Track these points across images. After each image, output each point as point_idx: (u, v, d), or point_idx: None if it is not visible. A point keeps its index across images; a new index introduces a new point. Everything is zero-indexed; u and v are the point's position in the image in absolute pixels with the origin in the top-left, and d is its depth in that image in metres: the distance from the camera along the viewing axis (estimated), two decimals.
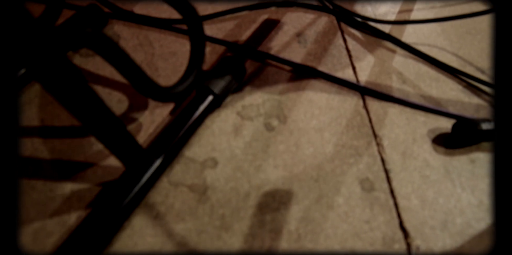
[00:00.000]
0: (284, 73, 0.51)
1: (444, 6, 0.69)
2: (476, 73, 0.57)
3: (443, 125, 0.48)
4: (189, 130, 0.40)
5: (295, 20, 0.60)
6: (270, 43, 0.55)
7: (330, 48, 0.56)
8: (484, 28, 0.66)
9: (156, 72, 0.50)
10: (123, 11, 0.58)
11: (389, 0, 0.69)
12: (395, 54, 0.58)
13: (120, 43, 0.53)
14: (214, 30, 0.57)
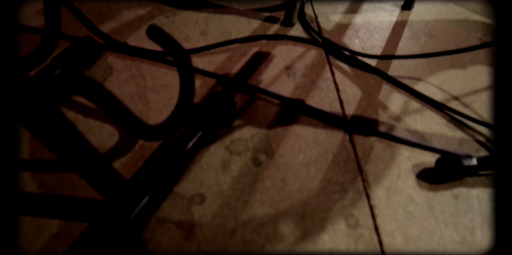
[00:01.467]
0: (273, 107, 0.53)
1: (429, 40, 0.73)
2: (460, 107, 0.59)
3: (427, 160, 0.50)
4: (178, 167, 0.41)
5: (284, 53, 0.63)
6: (260, 76, 0.58)
7: (318, 81, 0.58)
8: (467, 61, 0.69)
9: (147, 104, 0.51)
10: (117, 43, 0.60)
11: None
12: (382, 87, 0.60)
13: (113, 75, 0.55)
14: (205, 62, 0.59)
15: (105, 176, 0.34)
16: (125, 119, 0.34)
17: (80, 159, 0.32)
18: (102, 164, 0.34)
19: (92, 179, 0.34)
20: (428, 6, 0.86)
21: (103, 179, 0.34)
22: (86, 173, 0.33)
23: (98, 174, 0.34)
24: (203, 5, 0.73)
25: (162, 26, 0.66)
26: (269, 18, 0.71)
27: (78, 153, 0.31)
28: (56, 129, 0.28)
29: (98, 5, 0.70)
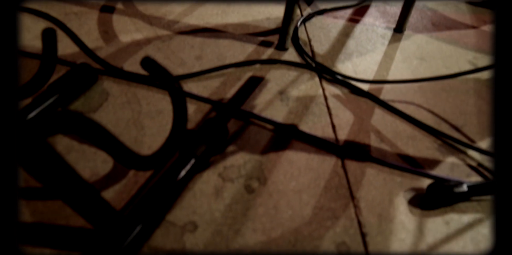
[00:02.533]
0: (266, 133, 0.54)
1: (420, 63, 0.75)
2: (451, 131, 0.60)
3: (419, 185, 0.51)
4: (170, 196, 0.42)
5: (278, 78, 0.64)
6: (254, 101, 0.59)
7: (311, 106, 0.60)
8: (457, 85, 0.71)
9: (142, 130, 0.52)
10: (113, 68, 0.62)
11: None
12: (374, 111, 0.61)
13: (108, 100, 0.57)
14: (200, 87, 0.60)
15: (95, 207, 0.35)
16: (116, 151, 0.35)
17: (68, 192, 0.33)
18: (91, 196, 0.35)
19: (82, 210, 0.35)
20: (420, 29, 0.89)
21: (93, 210, 0.35)
22: (76, 204, 0.34)
23: (87, 205, 0.35)
24: (199, 29, 0.75)
25: (158, 50, 0.68)
26: (263, 42, 0.73)
27: (66, 185, 0.32)
28: (42, 163, 0.29)
29: (96, 30, 0.72)
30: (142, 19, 0.77)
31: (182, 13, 0.80)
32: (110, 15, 0.77)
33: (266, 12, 0.84)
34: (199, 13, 0.81)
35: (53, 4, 0.79)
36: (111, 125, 0.53)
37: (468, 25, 0.95)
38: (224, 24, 0.78)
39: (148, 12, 0.79)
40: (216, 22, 0.78)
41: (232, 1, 0.86)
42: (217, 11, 0.82)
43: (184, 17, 0.78)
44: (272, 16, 0.82)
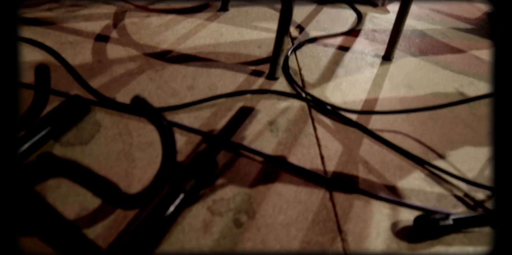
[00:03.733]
0: (255, 164, 0.55)
1: (408, 91, 0.77)
2: (438, 160, 0.62)
3: (406, 217, 0.52)
4: (159, 232, 0.43)
5: (268, 108, 0.66)
6: (244, 132, 0.60)
7: (300, 137, 0.61)
8: (444, 113, 0.73)
9: (132, 163, 0.53)
10: (106, 99, 0.64)
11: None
12: (362, 141, 0.63)
13: (100, 132, 0.58)
14: (191, 118, 0.62)
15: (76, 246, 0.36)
16: (103, 191, 0.36)
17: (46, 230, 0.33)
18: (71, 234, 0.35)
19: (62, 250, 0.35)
20: (408, 57, 0.92)
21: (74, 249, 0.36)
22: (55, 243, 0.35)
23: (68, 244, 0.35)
24: (191, 58, 0.77)
25: (150, 80, 0.69)
26: (254, 71, 0.75)
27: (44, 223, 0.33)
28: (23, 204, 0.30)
29: (90, 59, 0.74)
30: (136, 48, 0.79)
31: (175, 42, 0.82)
32: (104, 44, 0.79)
33: (257, 40, 0.87)
34: (192, 42, 0.83)
35: (49, 33, 0.81)
36: (102, 158, 0.54)
37: (454, 51, 0.98)
38: (216, 53, 0.80)
39: (142, 41, 0.81)
40: (208, 51, 0.81)
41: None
42: (209, 40, 0.84)
43: (177, 46, 0.81)
44: (263, 45, 0.85)
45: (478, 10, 1.30)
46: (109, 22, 0.88)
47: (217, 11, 0.99)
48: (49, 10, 0.91)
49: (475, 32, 1.13)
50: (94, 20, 0.88)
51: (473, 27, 1.16)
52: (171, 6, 0.99)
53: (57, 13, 0.91)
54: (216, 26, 0.91)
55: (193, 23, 0.91)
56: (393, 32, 0.84)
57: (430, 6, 1.28)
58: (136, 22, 0.89)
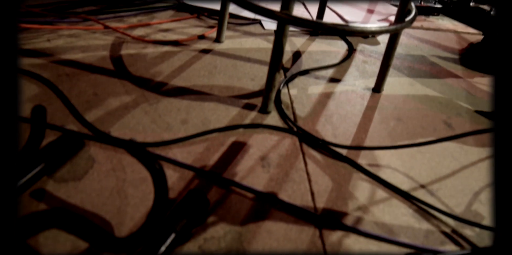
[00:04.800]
0: (247, 201, 0.57)
1: (397, 124, 0.80)
2: (426, 195, 0.64)
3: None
4: None
5: (260, 142, 0.68)
6: (236, 168, 0.62)
7: (291, 172, 0.63)
8: (433, 146, 0.76)
9: (125, 200, 0.55)
10: (100, 133, 0.65)
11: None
12: (352, 176, 0.65)
13: (94, 167, 0.59)
14: (184, 153, 0.64)
15: None
16: (93, 237, 0.37)
17: None
18: None
19: None
20: (397, 88, 0.95)
21: None
22: None
23: None
24: (186, 91, 0.80)
25: (145, 114, 0.71)
26: (247, 105, 0.78)
27: None
28: None
29: (86, 92, 0.76)
30: (132, 80, 0.81)
31: (170, 74, 0.85)
32: (101, 76, 0.82)
33: (251, 73, 0.90)
34: (187, 74, 0.86)
35: (47, 65, 0.84)
36: (95, 194, 0.55)
37: (442, 82, 1.02)
38: (210, 86, 0.83)
39: (138, 74, 0.84)
40: (202, 83, 0.83)
41: None
42: (204, 73, 0.87)
43: (172, 79, 0.84)
44: (256, 78, 0.88)
45: (464, 40, 1.35)
46: (106, 54, 0.91)
47: (213, 42, 1.02)
48: (48, 41, 0.94)
49: (461, 62, 1.17)
50: (91, 51, 0.91)
51: (459, 57, 1.21)
52: (168, 38, 1.02)
53: (55, 44, 0.94)
54: (210, 58, 0.94)
55: (188, 55, 0.94)
56: (382, 66, 0.87)
57: (418, 37, 1.33)
58: (132, 53, 0.92)
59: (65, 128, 0.66)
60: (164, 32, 1.05)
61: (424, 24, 1.48)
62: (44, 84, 0.77)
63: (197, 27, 1.11)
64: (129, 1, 1.22)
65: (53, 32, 0.98)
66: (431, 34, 1.38)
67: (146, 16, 1.14)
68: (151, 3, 1.24)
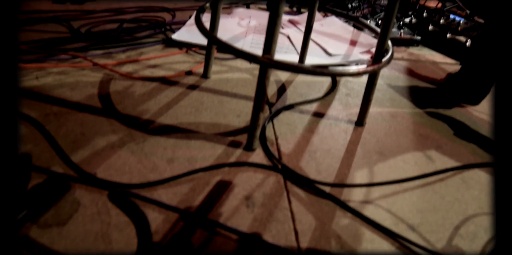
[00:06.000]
0: (231, 243, 0.58)
1: (379, 158, 0.82)
2: (408, 232, 0.65)
3: None
4: None
5: (245, 181, 0.70)
6: (221, 208, 0.63)
7: (275, 211, 0.64)
8: (414, 181, 0.78)
9: (109, 245, 0.55)
10: (86, 175, 0.66)
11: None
12: (335, 214, 0.66)
13: (79, 211, 0.60)
14: (170, 194, 0.65)
15: None
16: None
17: None
18: None
19: None
20: (379, 121, 0.98)
21: None
22: None
23: None
24: (173, 129, 0.82)
25: (131, 154, 0.73)
26: (232, 142, 0.80)
27: None
28: None
29: (74, 131, 0.78)
30: (119, 119, 0.83)
31: (157, 112, 0.87)
32: (88, 115, 0.84)
33: (237, 109, 0.93)
34: (174, 111, 0.88)
35: (34, 104, 0.85)
36: (79, 240, 0.55)
37: (424, 114, 1.05)
38: (197, 123, 0.85)
39: (125, 112, 0.86)
40: (189, 121, 0.86)
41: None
42: (190, 110, 0.90)
43: (159, 117, 0.86)
44: (242, 114, 0.91)
45: (442, 71, 1.41)
46: (94, 91, 0.93)
47: (200, 78, 1.06)
48: (36, 78, 0.96)
49: (440, 92, 1.22)
50: (80, 89, 0.93)
51: (438, 87, 1.26)
52: (155, 74, 1.05)
53: (44, 81, 0.96)
54: (197, 94, 0.97)
55: (175, 92, 0.97)
56: (364, 101, 0.91)
57: (400, 68, 1.38)
58: (120, 90, 0.95)
59: (51, 170, 0.67)
60: (152, 68, 1.08)
61: (404, 55, 1.55)
62: (31, 124, 0.78)
63: (185, 63, 1.14)
64: (118, 37, 1.25)
65: (42, 69, 1.01)
66: (411, 65, 1.44)
67: (134, 51, 1.17)
68: (140, 38, 1.28)
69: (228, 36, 1.37)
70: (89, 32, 1.29)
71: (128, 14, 1.53)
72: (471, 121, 1.06)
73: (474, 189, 0.78)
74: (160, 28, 1.39)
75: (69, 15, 1.43)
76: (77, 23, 1.36)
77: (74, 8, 1.51)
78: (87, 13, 1.47)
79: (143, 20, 1.47)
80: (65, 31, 1.29)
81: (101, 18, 1.44)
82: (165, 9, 1.63)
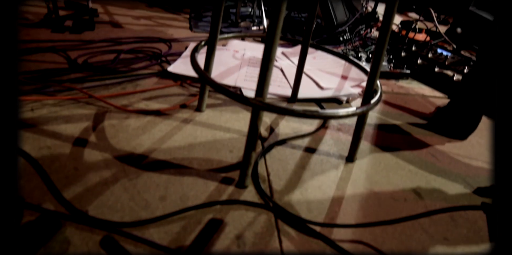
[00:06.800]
0: None
1: (369, 195, 0.84)
2: None
3: None
4: None
5: (236, 219, 0.71)
6: (212, 248, 0.64)
7: (266, 251, 0.65)
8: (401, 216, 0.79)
9: None
10: (77, 212, 0.67)
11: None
12: (325, 254, 0.67)
13: (68, 251, 0.60)
14: (161, 233, 0.65)
15: None
16: None
17: None
18: None
19: None
20: (369, 157, 1.01)
21: None
22: None
23: None
24: (166, 165, 0.83)
25: (124, 191, 0.74)
26: (225, 179, 0.81)
27: None
28: None
29: (67, 166, 0.78)
30: (113, 153, 0.84)
31: (151, 146, 0.89)
32: (82, 149, 0.85)
33: (229, 144, 0.95)
34: (167, 146, 0.90)
35: (29, 137, 0.86)
36: None
37: (412, 148, 1.08)
38: (190, 159, 0.87)
39: (119, 146, 0.87)
40: (182, 156, 0.87)
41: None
42: (184, 144, 0.92)
43: (153, 151, 0.87)
44: (235, 149, 0.93)
45: (431, 104, 1.46)
46: (88, 124, 0.95)
47: (194, 112, 1.08)
48: (31, 110, 0.98)
49: (429, 127, 1.26)
50: (74, 122, 0.95)
51: (427, 122, 1.30)
52: (150, 107, 1.07)
53: (39, 113, 0.97)
54: (191, 128, 0.99)
55: (169, 126, 0.99)
56: (354, 137, 0.94)
57: (390, 102, 1.43)
58: (115, 124, 0.96)
59: (42, 207, 0.67)
60: (147, 100, 1.11)
61: (394, 89, 1.60)
62: (24, 158, 0.79)
63: (179, 95, 1.17)
64: (114, 69, 1.29)
65: (37, 101, 1.02)
66: (401, 98, 1.48)
67: (130, 83, 1.20)
68: (136, 69, 1.31)
69: (222, 69, 1.41)
70: (86, 63, 1.32)
71: (126, 44, 1.57)
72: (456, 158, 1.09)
73: (463, 228, 0.80)
74: (156, 60, 1.43)
75: (67, 45, 1.47)
76: (75, 53, 1.39)
77: (73, 38, 1.55)
78: (86, 43, 1.51)
79: (140, 51, 1.51)
80: (63, 61, 1.32)
81: (99, 49, 1.48)
82: (162, 39, 1.68)
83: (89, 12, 1.71)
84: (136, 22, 1.93)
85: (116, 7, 2.18)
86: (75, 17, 1.76)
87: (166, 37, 1.73)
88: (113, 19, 1.92)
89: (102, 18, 1.92)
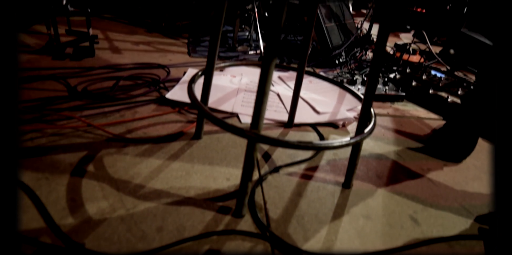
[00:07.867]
0: None
1: (366, 222, 0.84)
2: None
3: None
4: None
5: (234, 250, 0.72)
6: None
7: None
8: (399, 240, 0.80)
9: None
10: (74, 245, 0.67)
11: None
12: None
13: None
14: None
15: None
16: None
17: None
18: None
19: None
20: (365, 183, 1.02)
21: None
22: None
23: None
24: (163, 194, 0.85)
25: (121, 222, 0.75)
26: (222, 208, 0.82)
27: None
28: None
29: (64, 197, 0.79)
30: (110, 183, 0.86)
31: (148, 176, 0.90)
32: (80, 179, 0.86)
33: (226, 172, 0.96)
34: (165, 175, 0.91)
35: (27, 167, 0.88)
36: None
37: (409, 174, 1.09)
38: (187, 188, 0.88)
39: (117, 175, 0.89)
40: (180, 185, 0.88)
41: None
42: (181, 173, 0.93)
43: (150, 181, 0.88)
44: (231, 177, 0.94)
45: (427, 126, 1.48)
46: (87, 153, 0.96)
47: (191, 139, 1.10)
48: (30, 139, 0.99)
49: (425, 150, 1.27)
50: (72, 151, 0.96)
51: (423, 145, 1.31)
52: (148, 134, 1.09)
53: (38, 142, 0.99)
54: (188, 156, 1.01)
55: (167, 154, 1.00)
56: (350, 164, 0.95)
57: (385, 125, 1.45)
58: (113, 152, 0.98)
59: (39, 241, 0.68)
60: (145, 128, 1.13)
61: (390, 111, 1.63)
62: (22, 189, 0.80)
63: (177, 122, 1.19)
64: (113, 96, 1.31)
65: (36, 130, 1.04)
66: (397, 121, 1.51)
67: (129, 111, 1.22)
68: (135, 96, 1.34)
69: (220, 94, 1.44)
70: (86, 90, 1.35)
71: (125, 71, 1.61)
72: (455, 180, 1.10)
73: None
74: (155, 86, 1.46)
75: (68, 72, 1.50)
76: (75, 80, 1.42)
77: (73, 65, 1.59)
78: (86, 70, 1.55)
79: (139, 77, 1.55)
80: (63, 88, 1.35)
81: (99, 75, 1.51)
82: (160, 65, 1.72)
83: (90, 39, 1.75)
84: (135, 47, 1.98)
85: (116, 33, 2.24)
86: (75, 44, 1.81)
87: (164, 63, 1.77)
88: (113, 45, 1.97)
89: (102, 44, 1.97)
